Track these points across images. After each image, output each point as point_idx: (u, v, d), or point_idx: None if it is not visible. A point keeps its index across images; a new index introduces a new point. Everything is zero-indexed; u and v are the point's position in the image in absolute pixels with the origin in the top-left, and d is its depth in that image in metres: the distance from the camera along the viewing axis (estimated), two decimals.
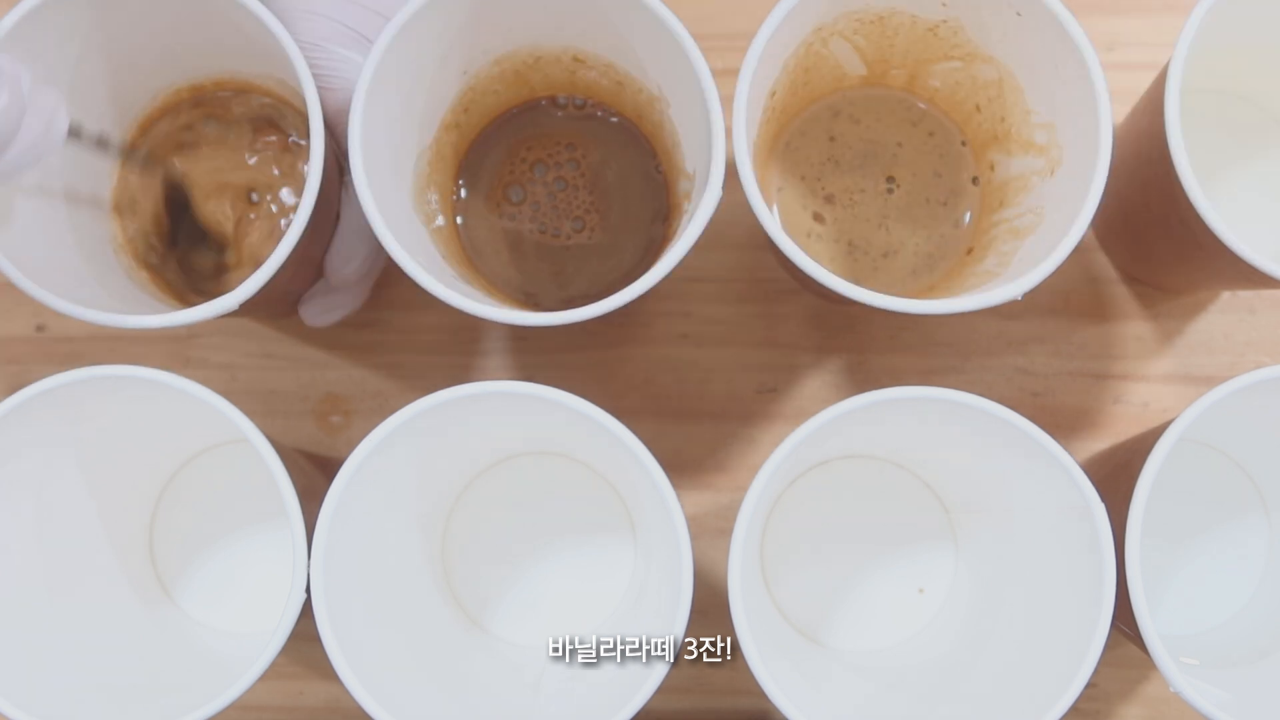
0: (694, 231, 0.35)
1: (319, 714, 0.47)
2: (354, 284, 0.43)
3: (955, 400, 0.35)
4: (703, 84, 0.36)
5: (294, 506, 0.35)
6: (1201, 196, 0.36)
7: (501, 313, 0.36)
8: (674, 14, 0.36)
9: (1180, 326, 0.47)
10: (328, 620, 0.34)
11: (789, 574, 0.44)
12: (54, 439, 0.38)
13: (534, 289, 0.44)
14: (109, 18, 0.38)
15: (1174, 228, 0.39)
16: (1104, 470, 0.42)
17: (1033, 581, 0.39)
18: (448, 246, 0.43)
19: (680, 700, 0.46)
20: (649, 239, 0.44)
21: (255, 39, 0.37)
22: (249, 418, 0.36)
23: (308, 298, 0.44)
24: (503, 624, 0.44)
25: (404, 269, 0.35)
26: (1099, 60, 0.36)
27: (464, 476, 0.45)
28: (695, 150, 0.39)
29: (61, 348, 0.48)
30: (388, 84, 0.36)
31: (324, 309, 0.43)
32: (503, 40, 0.41)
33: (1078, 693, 0.34)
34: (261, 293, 0.37)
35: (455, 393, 0.35)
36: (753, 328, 0.47)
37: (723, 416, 0.47)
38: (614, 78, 0.43)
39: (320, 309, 0.43)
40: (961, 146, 0.45)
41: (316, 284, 0.43)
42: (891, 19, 0.41)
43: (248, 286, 0.36)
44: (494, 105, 0.44)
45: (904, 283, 0.44)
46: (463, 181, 0.45)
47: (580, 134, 0.45)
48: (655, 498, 0.35)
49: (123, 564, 0.43)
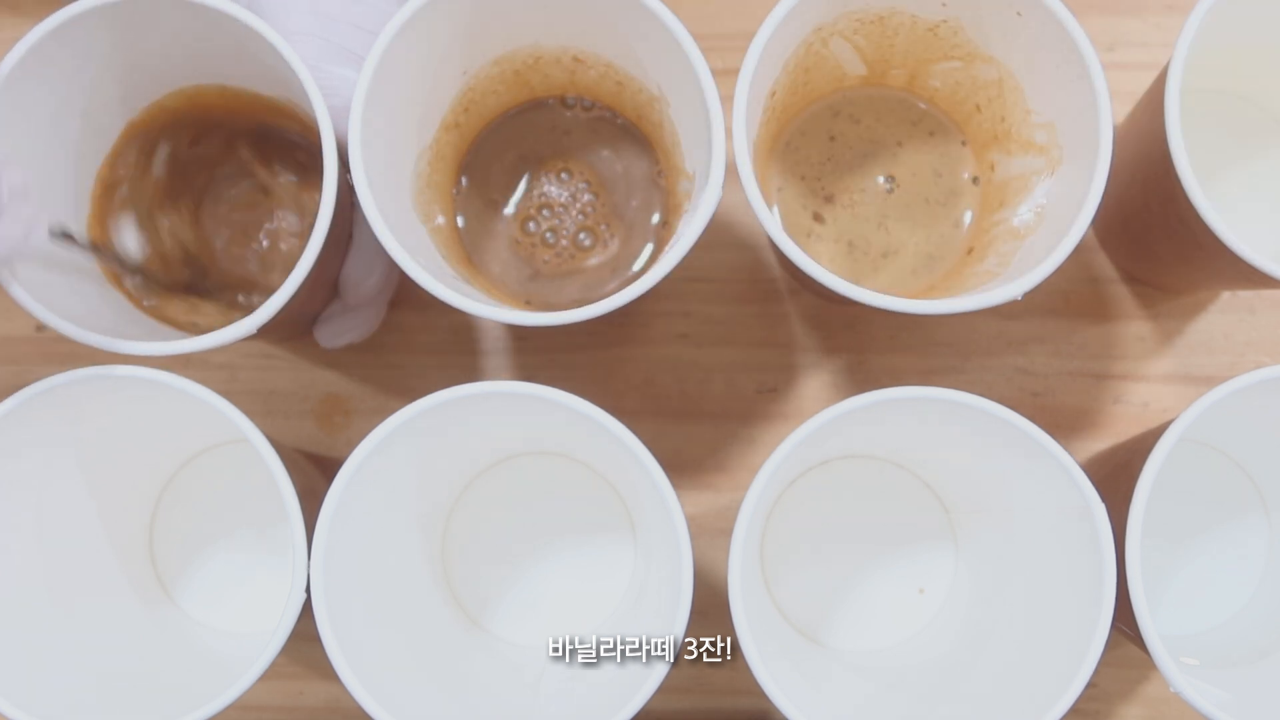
0: (694, 231, 0.35)
1: (319, 714, 0.47)
2: (370, 302, 0.43)
3: (955, 400, 0.35)
4: (702, 84, 0.36)
5: (294, 506, 0.35)
6: (1201, 196, 0.36)
7: (501, 312, 0.36)
8: (674, 14, 0.36)
9: (1180, 326, 0.47)
10: (328, 620, 0.34)
11: (789, 574, 0.44)
12: (54, 439, 0.38)
13: (534, 289, 0.44)
14: (124, 39, 0.38)
15: (1174, 228, 0.39)
16: (1104, 470, 0.42)
17: (1033, 581, 0.39)
18: (448, 247, 0.43)
19: (680, 700, 0.46)
20: (649, 239, 0.44)
21: (264, 61, 0.37)
22: (249, 418, 0.36)
23: (323, 319, 0.43)
24: (503, 624, 0.44)
25: (404, 269, 0.35)
26: (1099, 60, 0.36)
27: (464, 476, 0.45)
28: (695, 150, 0.39)
29: (61, 348, 0.48)
30: (387, 85, 0.37)
31: (339, 330, 0.43)
32: (502, 41, 0.41)
33: (1078, 693, 0.34)
34: (277, 316, 0.36)
35: (455, 393, 0.35)
36: (753, 328, 0.47)
37: (723, 416, 0.47)
38: (614, 78, 0.43)
39: (336, 330, 0.43)
40: (961, 146, 0.45)
41: (331, 305, 0.43)
42: (891, 19, 0.41)
43: (265, 311, 0.36)
44: (494, 106, 0.44)
45: (904, 283, 0.44)
46: (463, 182, 0.45)
47: (580, 134, 0.45)
48: (655, 498, 0.35)
49: (123, 564, 0.43)
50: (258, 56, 0.37)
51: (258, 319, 0.36)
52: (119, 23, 0.37)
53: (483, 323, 0.48)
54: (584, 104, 0.45)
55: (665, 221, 0.44)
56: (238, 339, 0.36)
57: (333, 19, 0.38)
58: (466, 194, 0.45)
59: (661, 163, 0.44)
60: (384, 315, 0.45)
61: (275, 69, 0.37)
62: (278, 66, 0.37)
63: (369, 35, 0.37)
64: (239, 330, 0.36)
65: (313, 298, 0.41)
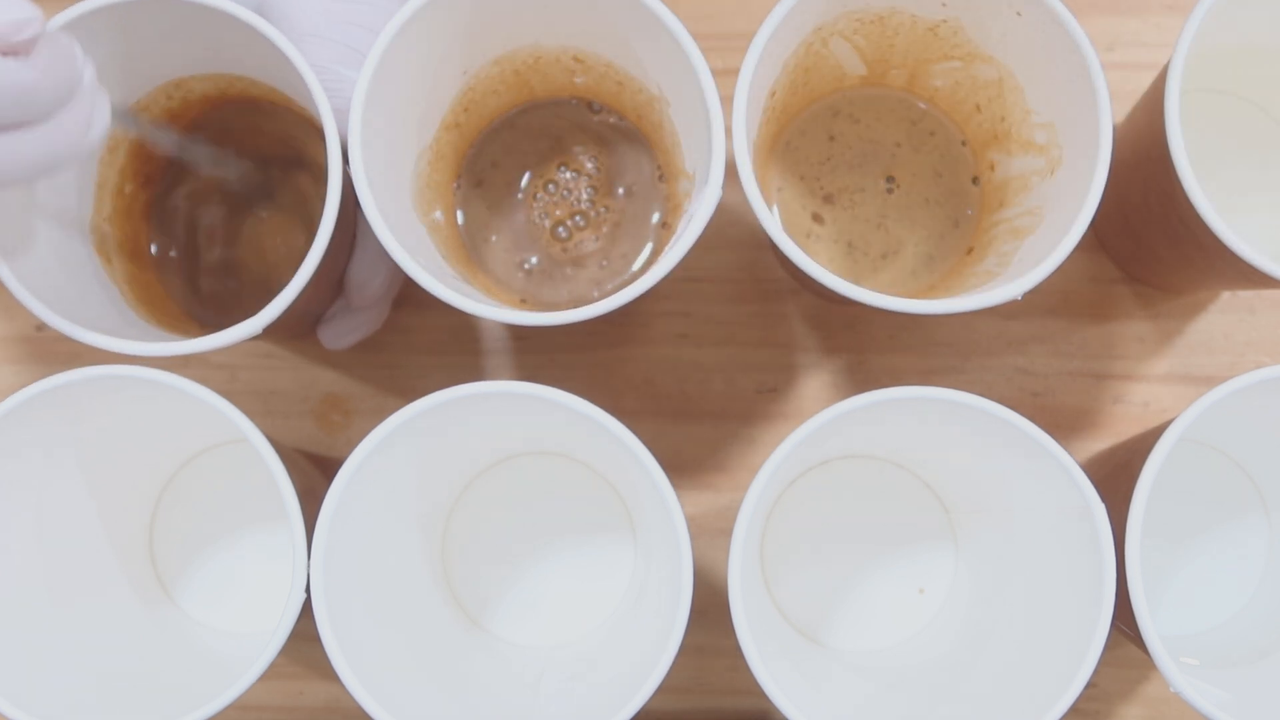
0: (694, 232, 0.35)
1: (319, 714, 0.47)
2: (375, 303, 0.43)
3: (955, 400, 0.35)
4: (702, 84, 0.36)
5: (294, 506, 0.35)
6: (1202, 196, 0.36)
7: (501, 312, 0.36)
8: (673, 14, 0.36)
9: (1180, 326, 0.47)
10: (328, 620, 0.34)
11: (789, 574, 0.44)
12: (54, 439, 0.38)
13: (534, 289, 0.44)
14: (128, 40, 0.37)
15: (1174, 228, 0.39)
16: (1104, 470, 0.42)
17: (1033, 581, 0.39)
18: (448, 246, 0.43)
19: (680, 700, 0.46)
20: (649, 239, 0.44)
21: (269, 61, 0.37)
22: (249, 418, 0.36)
23: (327, 319, 0.43)
24: (503, 624, 0.44)
25: (404, 269, 0.35)
26: (1099, 60, 0.36)
27: (464, 476, 0.45)
28: (695, 150, 0.39)
29: (61, 348, 0.48)
30: (387, 85, 0.37)
31: (343, 331, 0.43)
32: (502, 41, 0.41)
33: (1078, 693, 0.34)
34: (282, 316, 0.36)
35: (455, 393, 0.35)
36: (753, 328, 0.47)
37: (723, 416, 0.47)
38: (614, 78, 0.43)
39: (340, 331, 0.43)
40: (961, 146, 0.45)
41: (335, 305, 0.43)
42: (891, 19, 0.41)
43: (270, 310, 0.36)
44: (494, 106, 0.44)
45: (904, 283, 0.44)
46: (463, 181, 0.45)
47: (580, 134, 0.45)
48: (655, 498, 0.35)
49: (123, 564, 0.43)
50: (264, 57, 0.37)
51: (263, 319, 0.36)
52: (123, 22, 0.37)
53: (483, 323, 0.48)
54: (584, 104, 0.45)
55: (665, 222, 0.44)
56: (243, 339, 0.36)
57: (345, 21, 0.38)
58: (466, 193, 0.45)
59: (661, 163, 0.44)
60: (387, 314, 0.45)
61: (280, 70, 0.37)
62: (282, 68, 0.37)
63: (375, 36, 0.37)
64: (244, 330, 0.36)
65: (317, 298, 0.41)
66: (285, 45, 0.36)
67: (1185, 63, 0.36)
